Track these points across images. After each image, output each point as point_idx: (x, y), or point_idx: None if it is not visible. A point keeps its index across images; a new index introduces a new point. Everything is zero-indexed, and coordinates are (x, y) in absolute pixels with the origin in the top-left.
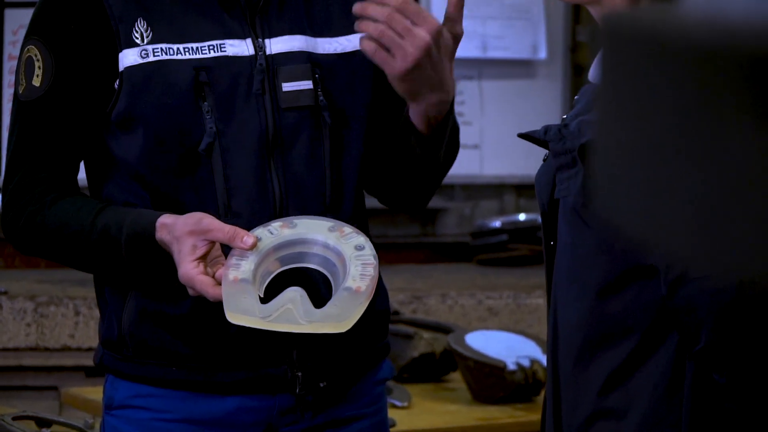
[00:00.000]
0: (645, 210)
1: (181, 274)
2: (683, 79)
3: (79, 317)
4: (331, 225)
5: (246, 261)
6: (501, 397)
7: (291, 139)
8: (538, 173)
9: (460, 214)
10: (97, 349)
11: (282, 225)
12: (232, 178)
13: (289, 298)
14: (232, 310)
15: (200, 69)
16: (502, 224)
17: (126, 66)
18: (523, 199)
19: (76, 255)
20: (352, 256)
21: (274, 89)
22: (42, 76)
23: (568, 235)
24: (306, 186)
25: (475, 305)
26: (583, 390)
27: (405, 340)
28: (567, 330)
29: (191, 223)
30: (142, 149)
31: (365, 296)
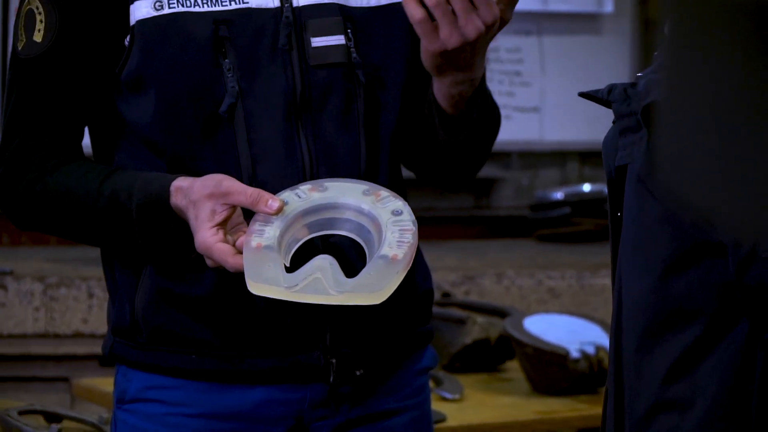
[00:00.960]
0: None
1: (198, 243)
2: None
3: (93, 300)
4: (365, 188)
5: (271, 227)
6: (563, 388)
7: (321, 100)
8: (606, 137)
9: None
10: (106, 336)
11: (311, 188)
12: (257, 142)
13: (318, 266)
14: (254, 279)
15: (220, 22)
16: (565, 196)
17: (138, 19)
18: (587, 167)
19: (82, 226)
20: (388, 222)
21: (302, 45)
22: (44, 31)
23: (634, 206)
24: (338, 151)
25: (534, 286)
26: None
27: (457, 326)
28: (630, 311)
29: (210, 186)
30: (156, 112)
31: (403, 265)
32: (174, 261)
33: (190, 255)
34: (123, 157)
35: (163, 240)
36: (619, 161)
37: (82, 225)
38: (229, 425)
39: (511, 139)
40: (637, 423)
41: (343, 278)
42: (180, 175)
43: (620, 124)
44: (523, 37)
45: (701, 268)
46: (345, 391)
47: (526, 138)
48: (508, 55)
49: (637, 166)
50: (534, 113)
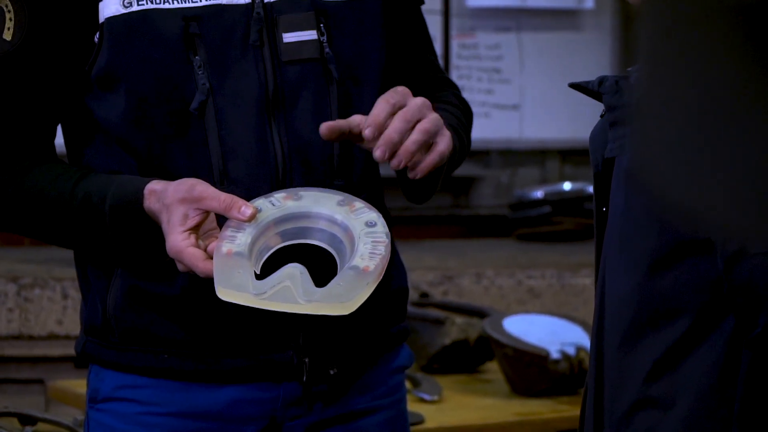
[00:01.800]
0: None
1: (169, 247)
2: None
3: (68, 301)
4: (340, 198)
5: (242, 233)
6: (543, 390)
7: (294, 96)
8: (594, 129)
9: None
10: (79, 336)
11: (286, 196)
12: (229, 140)
13: (288, 274)
14: (223, 285)
15: (190, 19)
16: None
17: (107, 17)
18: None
19: (55, 228)
20: (361, 233)
21: (273, 40)
22: (14, 29)
23: (620, 200)
24: (311, 148)
25: (514, 286)
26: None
27: (435, 326)
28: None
29: (183, 190)
30: (126, 110)
31: (373, 277)
32: (147, 263)
33: (164, 259)
34: (95, 155)
35: (136, 243)
36: (608, 153)
37: (55, 227)
38: (201, 424)
39: (491, 137)
40: (617, 421)
41: (312, 287)
42: (154, 179)
43: (610, 116)
44: (503, 34)
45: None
46: (319, 390)
47: (506, 136)
48: (488, 52)
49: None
50: (514, 111)
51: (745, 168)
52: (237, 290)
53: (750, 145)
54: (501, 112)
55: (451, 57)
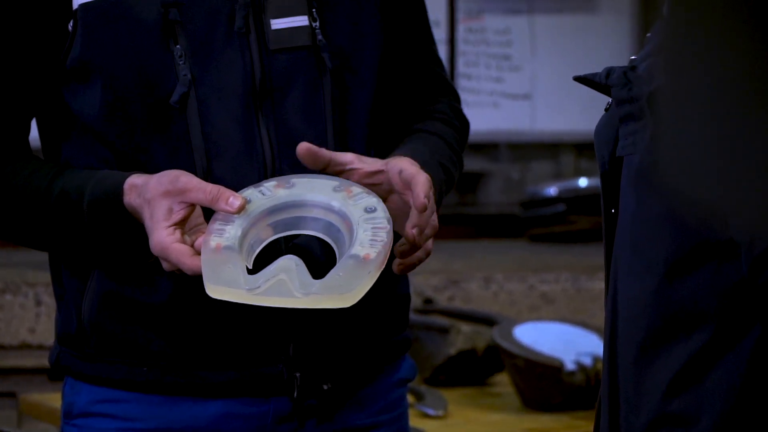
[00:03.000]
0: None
1: (153, 244)
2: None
3: (41, 308)
4: (336, 184)
5: (231, 226)
6: (557, 404)
7: (283, 87)
8: (599, 125)
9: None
10: (53, 346)
11: (277, 185)
12: (212, 135)
13: (283, 267)
14: (213, 281)
15: (170, 5)
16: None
17: (80, 3)
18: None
19: (29, 228)
20: (360, 220)
21: (260, 27)
22: None
23: (632, 200)
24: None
25: (525, 291)
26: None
27: (440, 335)
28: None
29: (166, 182)
30: (103, 103)
31: (375, 265)
32: (129, 266)
33: (147, 259)
34: (72, 150)
35: (117, 242)
36: (620, 152)
37: (30, 227)
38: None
39: (500, 129)
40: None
41: (309, 280)
42: (134, 173)
43: (620, 110)
44: (512, 17)
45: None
46: (311, 404)
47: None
48: (496, 37)
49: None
50: (524, 100)
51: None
52: (228, 286)
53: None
54: (511, 101)
55: (457, 42)
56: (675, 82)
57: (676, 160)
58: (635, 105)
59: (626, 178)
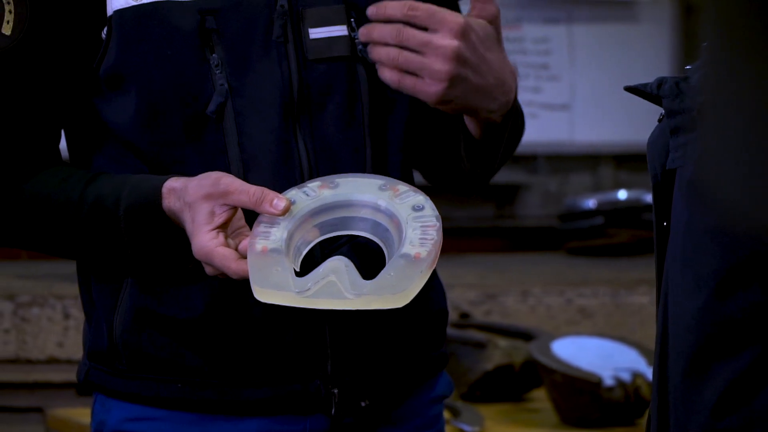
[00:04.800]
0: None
1: (196, 248)
2: None
3: (69, 321)
4: (382, 183)
5: (277, 228)
6: (595, 420)
7: (321, 98)
8: (652, 136)
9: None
10: (81, 361)
11: (321, 185)
12: (249, 146)
13: (332, 268)
14: (261, 285)
15: (207, 12)
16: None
17: (115, 9)
18: (623, 172)
19: (63, 237)
20: (408, 219)
21: (299, 36)
22: (13, 23)
23: (684, 213)
24: (340, 155)
25: (563, 305)
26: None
27: (476, 350)
28: (678, 332)
29: (207, 185)
30: (137, 112)
31: (427, 264)
32: (167, 274)
33: (187, 265)
34: (103, 161)
35: (156, 249)
36: (670, 164)
37: (63, 236)
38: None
39: (538, 141)
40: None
41: (360, 280)
42: (172, 175)
43: (672, 122)
44: (551, 26)
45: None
46: (349, 422)
47: (555, 139)
48: (535, 46)
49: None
50: (563, 111)
51: None
52: (277, 289)
53: None
54: (549, 112)
55: None
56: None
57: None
58: (686, 116)
59: (678, 191)
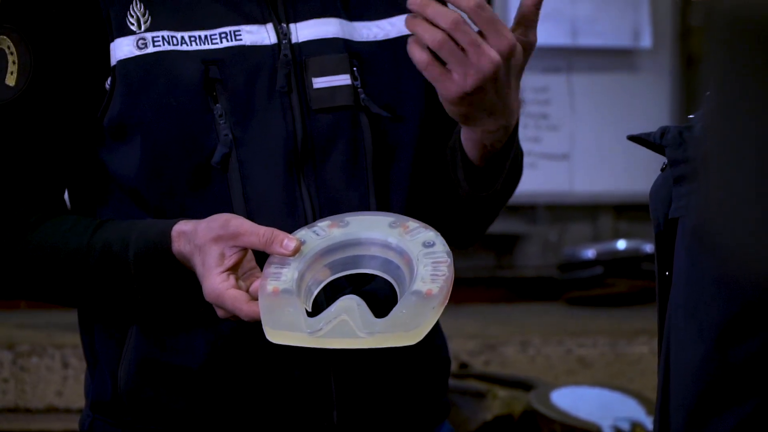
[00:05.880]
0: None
1: (207, 291)
2: None
3: (68, 371)
4: (392, 220)
5: (288, 269)
6: None
7: (325, 148)
8: (655, 185)
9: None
10: (84, 412)
11: (331, 224)
12: (254, 197)
13: (344, 307)
14: (273, 326)
15: (211, 62)
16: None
17: (119, 59)
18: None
19: (70, 286)
20: (419, 255)
21: (302, 86)
22: (17, 74)
23: (686, 263)
24: (344, 205)
25: (563, 355)
26: None
27: (476, 400)
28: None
29: (216, 227)
30: (142, 163)
31: (439, 300)
32: (176, 319)
33: (198, 309)
34: (107, 212)
35: (166, 293)
36: (673, 213)
37: (71, 284)
38: None
39: (538, 190)
40: None
41: (372, 319)
42: (180, 219)
43: (675, 171)
44: (551, 75)
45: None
46: None
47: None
48: (534, 95)
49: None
50: (563, 161)
51: None
52: (289, 330)
53: None
54: (549, 162)
55: None
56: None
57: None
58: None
59: (680, 241)
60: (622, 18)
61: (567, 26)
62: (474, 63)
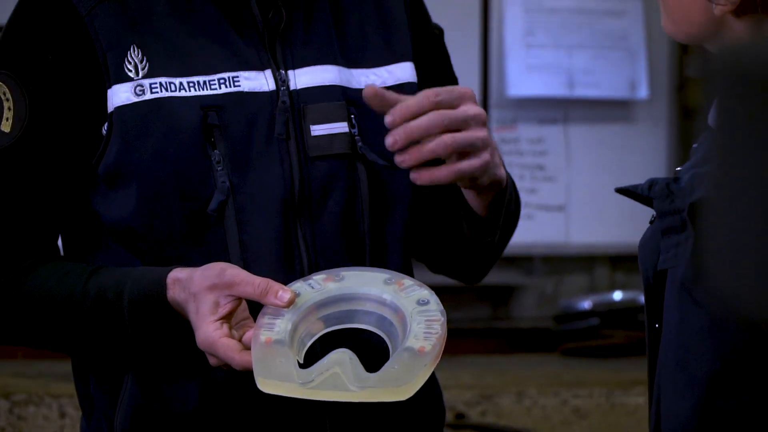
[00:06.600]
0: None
1: (200, 339)
2: None
3: (65, 420)
4: (387, 277)
5: (281, 320)
6: None
7: (322, 195)
8: (644, 238)
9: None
10: None
11: (326, 278)
12: (250, 244)
13: (336, 360)
14: (264, 376)
15: (209, 108)
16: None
17: (116, 106)
18: (618, 273)
19: (63, 332)
20: (413, 312)
21: (300, 133)
22: (12, 120)
23: (675, 314)
24: (340, 251)
25: (558, 406)
26: None
27: None
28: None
29: (212, 276)
30: (137, 209)
31: (431, 358)
32: (170, 366)
33: (192, 356)
34: (99, 258)
35: (160, 340)
36: (661, 265)
37: (65, 331)
38: None
39: (534, 242)
40: None
41: (364, 373)
42: (175, 266)
43: (662, 223)
44: (547, 126)
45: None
46: None
47: (550, 240)
48: (530, 146)
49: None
50: (559, 212)
51: None
52: (280, 380)
53: None
54: (545, 213)
55: None
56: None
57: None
58: (677, 217)
59: (670, 292)
60: (619, 69)
61: (564, 77)
62: (478, 128)
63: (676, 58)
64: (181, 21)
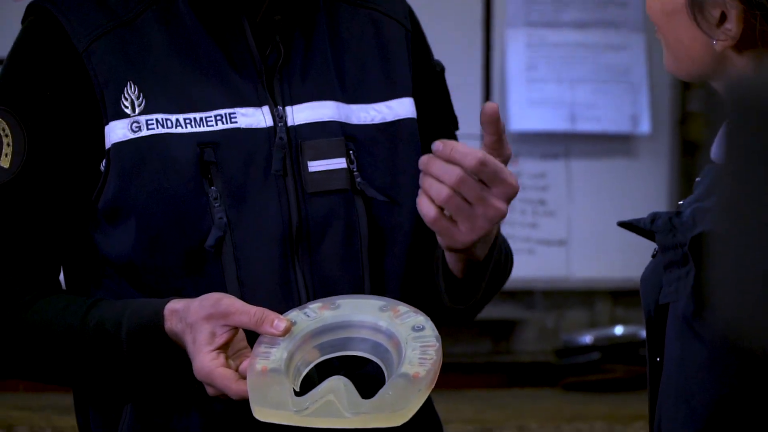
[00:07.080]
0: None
1: (197, 369)
2: None
3: None
4: (382, 304)
5: (277, 349)
6: None
7: (320, 231)
8: (646, 272)
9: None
10: None
11: (322, 306)
12: (248, 281)
13: (331, 387)
14: (260, 404)
15: (206, 145)
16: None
17: (113, 142)
18: (619, 308)
19: (63, 364)
20: (408, 338)
21: (298, 169)
22: (12, 156)
23: (677, 348)
24: (339, 287)
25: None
26: None
27: None
28: None
29: (208, 306)
30: (136, 245)
31: (425, 383)
32: (169, 398)
33: (190, 387)
34: (101, 292)
35: (158, 371)
36: (663, 299)
37: (65, 363)
38: None
39: (535, 277)
40: None
41: (359, 399)
42: (173, 297)
43: (665, 257)
44: (549, 161)
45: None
46: None
47: (551, 275)
48: (532, 181)
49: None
50: (560, 247)
51: None
52: (276, 408)
53: None
54: (546, 248)
55: None
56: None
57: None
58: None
59: (671, 326)
60: (621, 104)
61: (565, 111)
62: (481, 215)
63: (678, 93)
64: (178, 57)
